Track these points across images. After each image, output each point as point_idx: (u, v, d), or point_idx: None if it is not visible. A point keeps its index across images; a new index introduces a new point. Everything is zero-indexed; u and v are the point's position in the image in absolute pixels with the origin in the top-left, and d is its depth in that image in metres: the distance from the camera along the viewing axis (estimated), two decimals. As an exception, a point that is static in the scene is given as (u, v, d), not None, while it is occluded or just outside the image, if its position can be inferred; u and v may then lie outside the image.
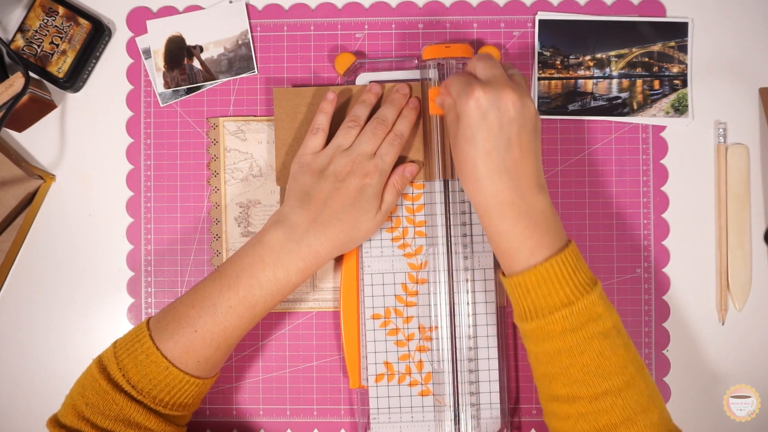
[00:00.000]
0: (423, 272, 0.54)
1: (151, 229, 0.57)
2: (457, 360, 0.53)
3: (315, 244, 0.48)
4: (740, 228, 0.56)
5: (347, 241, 0.49)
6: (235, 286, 0.46)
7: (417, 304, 0.54)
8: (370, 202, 0.49)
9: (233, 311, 0.46)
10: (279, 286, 0.47)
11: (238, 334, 0.47)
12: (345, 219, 0.48)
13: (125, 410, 0.44)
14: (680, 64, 0.57)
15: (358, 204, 0.49)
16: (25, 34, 0.56)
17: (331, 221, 0.48)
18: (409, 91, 0.54)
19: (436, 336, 0.53)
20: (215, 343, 0.46)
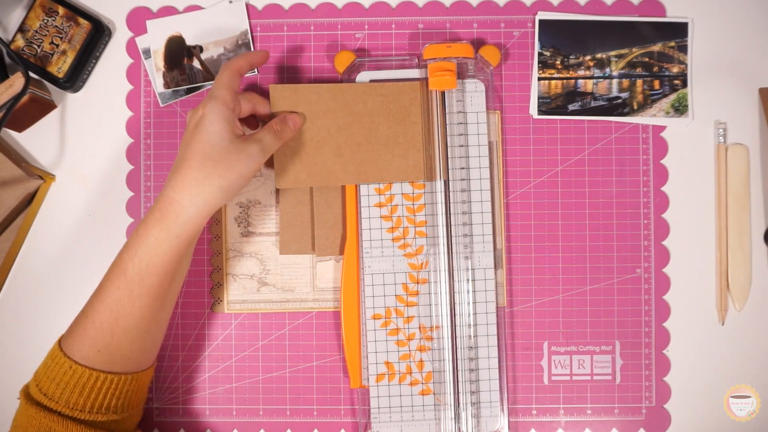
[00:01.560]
0: (424, 272, 0.54)
1: (151, 229, 0.57)
2: (457, 359, 0.53)
3: (169, 191, 0.45)
4: (740, 228, 0.56)
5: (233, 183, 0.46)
6: (117, 265, 0.46)
7: (418, 304, 0.54)
8: (208, 131, 0.46)
9: (119, 290, 0.45)
10: (153, 250, 0.45)
11: (133, 314, 0.45)
12: (189, 156, 0.45)
13: (44, 424, 0.43)
14: (680, 64, 0.57)
15: (199, 136, 0.46)
16: (25, 35, 0.56)
17: (179, 164, 0.46)
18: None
19: (437, 336, 0.54)
20: (108, 328, 0.45)
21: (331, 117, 0.53)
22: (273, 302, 0.57)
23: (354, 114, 0.53)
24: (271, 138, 0.49)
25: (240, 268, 0.57)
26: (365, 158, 0.53)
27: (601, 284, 0.57)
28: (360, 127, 0.53)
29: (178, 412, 0.57)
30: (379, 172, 0.54)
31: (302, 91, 0.53)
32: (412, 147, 0.54)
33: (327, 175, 0.53)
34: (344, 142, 0.53)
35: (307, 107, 0.53)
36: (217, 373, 0.57)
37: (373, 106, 0.53)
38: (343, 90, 0.53)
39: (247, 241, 0.57)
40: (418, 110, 0.54)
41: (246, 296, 0.57)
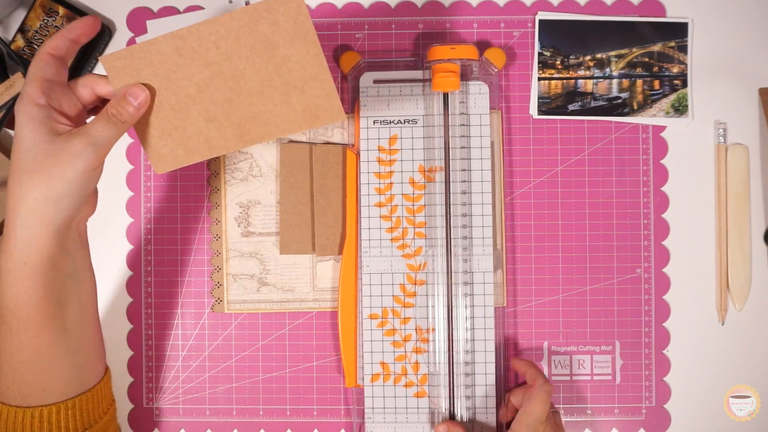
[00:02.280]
0: (422, 273, 0.54)
1: (151, 229, 0.57)
2: (453, 363, 0.53)
3: (6, 215, 0.41)
4: (740, 228, 0.56)
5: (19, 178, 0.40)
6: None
7: (415, 305, 0.54)
8: (19, 138, 0.39)
9: (1, 326, 0.41)
10: (8, 282, 0.41)
11: (24, 348, 0.42)
12: (10, 172, 0.40)
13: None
14: (680, 64, 0.57)
15: (13, 146, 0.40)
16: (26, 35, 0.56)
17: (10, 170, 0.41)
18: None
19: (433, 338, 0.53)
20: (7, 364, 0.42)
21: (184, 75, 0.43)
22: (273, 302, 0.57)
23: (210, 64, 0.43)
24: (103, 125, 0.41)
25: (240, 268, 0.57)
26: (243, 116, 0.44)
27: (601, 284, 0.57)
28: (222, 78, 0.43)
29: (178, 412, 0.57)
30: (266, 127, 0.44)
31: (139, 53, 0.43)
32: (294, 88, 0.43)
33: (207, 147, 0.45)
34: (212, 102, 0.44)
35: (152, 71, 0.43)
36: (217, 373, 0.57)
37: (228, 48, 0.42)
38: (185, 37, 0.42)
39: (247, 241, 0.57)
40: (283, 37, 0.42)
41: (246, 296, 0.57)
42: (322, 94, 0.43)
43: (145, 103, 0.43)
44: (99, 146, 0.41)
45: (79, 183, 0.40)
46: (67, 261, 0.43)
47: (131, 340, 0.57)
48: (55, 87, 0.41)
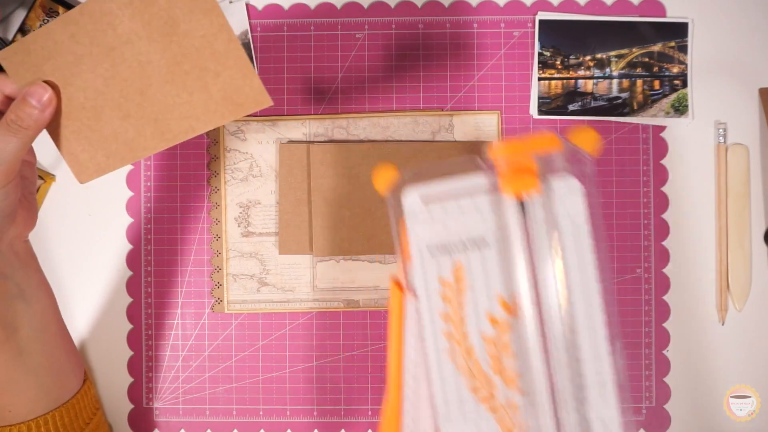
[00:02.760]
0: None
1: (151, 229, 0.57)
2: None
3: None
4: (740, 228, 0.56)
5: None
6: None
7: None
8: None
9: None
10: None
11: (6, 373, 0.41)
12: None
13: None
14: (680, 64, 0.57)
15: None
16: (26, 35, 0.56)
17: None
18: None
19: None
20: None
21: (87, 67, 0.38)
22: (273, 302, 0.57)
23: (110, 51, 0.37)
24: (2, 136, 0.36)
25: (240, 268, 0.57)
26: (159, 110, 0.39)
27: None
28: (127, 66, 0.38)
29: (178, 412, 0.57)
30: (187, 121, 0.39)
31: (33, 44, 0.37)
32: (206, 70, 0.38)
33: (127, 149, 0.39)
34: (122, 97, 0.39)
35: (53, 64, 0.38)
36: (217, 373, 0.57)
37: (125, 29, 0.37)
38: (78, 21, 0.37)
39: (247, 241, 0.57)
40: (183, 11, 0.36)
41: (246, 296, 0.57)
42: (239, 75, 0.37)
43: (49, 103, 0.37)
44: (2, 161, 0.35)
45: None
46: (7, 284, 0.40)
47: (131, 340, 0.57)
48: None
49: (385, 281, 0.57)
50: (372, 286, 0.57)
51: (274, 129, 0.57)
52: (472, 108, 0.57)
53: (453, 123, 0.57)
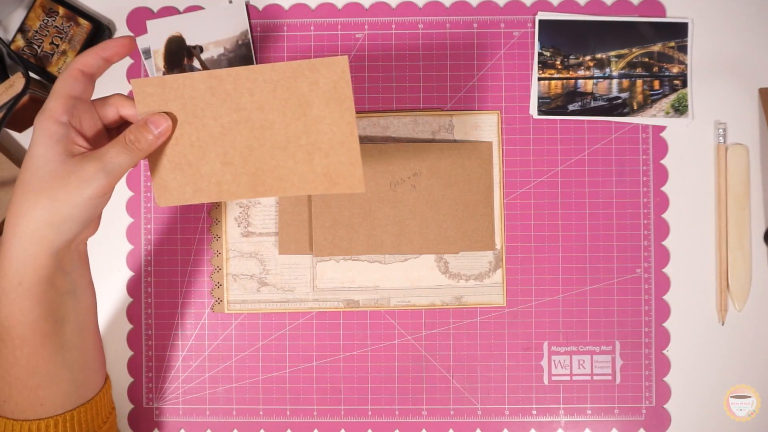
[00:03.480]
0: None
1: (151, 229, 0.57)
2: None
3: (4, 229, 0.40)
4: (740, 228, 0.56)
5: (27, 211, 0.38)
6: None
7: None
8: (31, 154, 0.38)
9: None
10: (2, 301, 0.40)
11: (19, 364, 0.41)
12: (15, 187, 0.39)
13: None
14: (680, 64, 0.57)
15: (24, 161, 0.39)
16: (26, 35, 0.56)
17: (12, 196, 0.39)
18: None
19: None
20: (2, 379, 0.42)
21: (212, 115, 0.42)
22: (273, 302, 0.57)
23: (240, 109, 0.42)
24: (118, 152, 0.39)
25: (240, 268, 0.57)
26: (260, 166, 0.42)
27: (601, 284, 0.57)
28: (249, 126, 0.42)
29: (178, 412, 0.57)
30: (281, 182, 0.42)
31: (172, 84, 0.41)
32: (319, 150, 0.42)
33: (216, 190, 0.43)
34: (232, 147, 0.42)
35: (181, 104, 0.42)
36: (217, 373, 0.57)
37: (262, 98, 0.41)
38: (222, 79, 0.41)
39: (247, 241, 0.57)
40: (320, 99, 0.41)
41: (246, 296, 0.57)
42: (346, 161, 0.41)
43: (165, 132, 0.41)
44: (111, 173, 0.39)
45: (85, 208, 0.39)
46: (65, 279, 0.42)
47: (131, 340, 0.57)
48: (78, 104, 0.40)
49: (385, 281, 0.57)
50: (372, 286, 0.57)
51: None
52: (472, 108, 0.57)
53: (453, 123, 0.57)
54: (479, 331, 0.57)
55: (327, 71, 0.40)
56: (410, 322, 0.57)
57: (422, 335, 0.57)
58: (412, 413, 0.57)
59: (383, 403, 0.57)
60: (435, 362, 0.57)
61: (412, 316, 0.57)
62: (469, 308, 0.57)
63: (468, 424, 0.56)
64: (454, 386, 0.57)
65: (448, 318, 0.57)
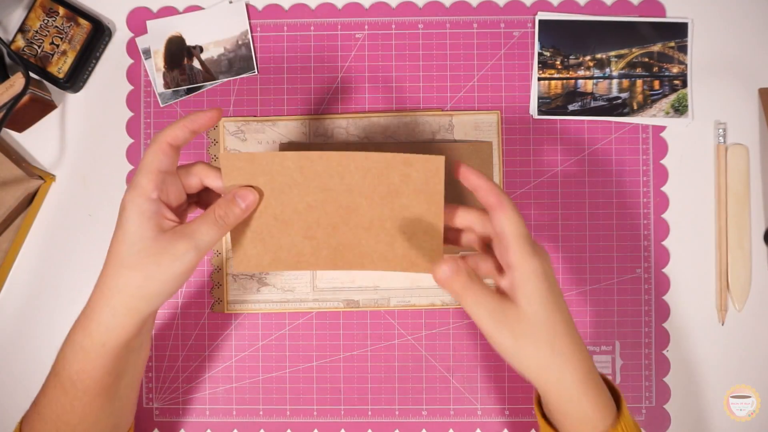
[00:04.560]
0: None
1: (151, 229, 0.57)
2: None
3: (93, 294, 0.42)
4: (740, 228, 0.56)
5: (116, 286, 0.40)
6: (54, 363, 0.43)
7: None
8: (124, 230, 0.40)
9: (55, 389, 0.43)
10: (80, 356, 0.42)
11: (74, 412, 0.43)
12: (107, 260, 0.41)
13: None
14: (680, 64, 0.57)
15: (115, 235, 0.41)
16: (26, 35, 0.56)
17: (104, 264, 0.41)
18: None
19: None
20: (52, 423, 0.43)
21: (298, 192, 0.42)
22: (273, 302, 0.57)
23: (327, 190, 0.42)
24: (208, 228, 0.41)
25: (240, 268, 0.57)
26: (342, 243, 0.44)
27: (601, 284, 0.57)
28: (336, 205, 0.43)
29: (178, 412, 0.57)
30: (360, 258, 0.44)
31: (261, 160, 0.42)
32: (402, 233, 0.43)
33: (295, 261, 0.44)
34: (316, 223, 0.43)
35: (268, 179, 0.42)
36: (217, 373, 0.57)
37: (352, 182, 0.42)
38: (313, 160, 0.41)
39: (247, 241, 0.57)
40: (410, 190, 0.42)
41: (246, 296, 0.57)
42: (428, 247, 0.43)
43: (252, 206, 0.42)
44: (201, 249, 0.41)
45: (175, 283, 0.40)
46: (138, 339, 0.43)
47: (131, 340, 0.57)
48: (167, 178, 0.41)
49: (385, 281, 0.57)
50: (372, 286, 0.57)
51: (274, 129, 0.57)
52: (472, 108, 0.57)
53: (453, 123, 0.57)
54: (479, 331, 0.57)
55: (422, 167, 0.41)
56: (410, 322, 0.57)
57: (422, 335, 0.57)
58: (412, 413, 0.57)
59: (383, 403, 0.57)
60: (435, 362, 0.57)
61: (412, 316, 0.57)
62: (469, 308, 0.57)
63: (468, 424, 0.56)
64: (454, 386, 0.57)
65: (448, 318, 0.57)
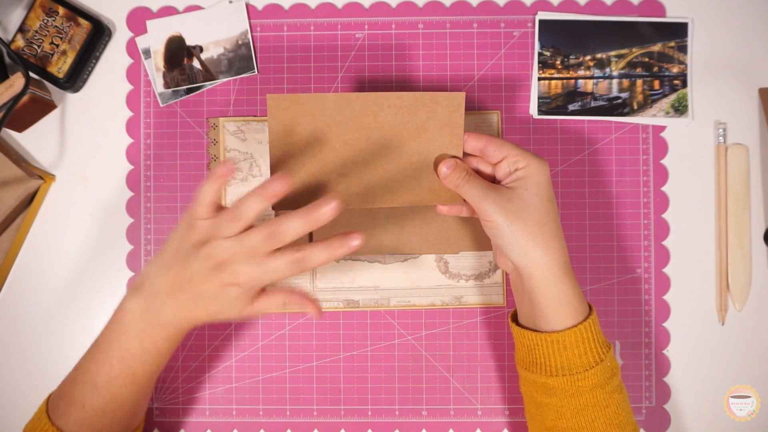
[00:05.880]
0: None
1: (151, 229, 0.57)
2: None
3: (174, 318, 0.44)
4: (740, 228, 0.56)
5: (207, 319, 0.45)
6: (108, 360, 0.45)
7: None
8: (231, 302, 0.43)
9: (114, 383, 0.45)
10: (151, 354, 0.45)
11: (131, 399, 0.46)
12: (203, 306, 0.44)
13: None
14: (680, 64, 0.57)
15: (218, 300, 0.43)
16: (26, 35, 0.56)
17: (189, 301, 0.43)
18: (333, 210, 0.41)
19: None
20: (109, 413, 0.45)
21: (337, 131, 0.47)
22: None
23: (362, 128, 0.47)
24: (272, 303, 0.45)
25: (240, 268, 0.57)
26: (373, 179, 0.48)
27: (601, 284, 0.57)
28: (369, 143, 0.47)
29: (178, 412, 0.57)
30: (389, 194, 0.48)
31: (304, 101, 0.46)
32: (427, 167, 0.48)
33: (324, 194, 0.48)
34: (351, 161, 0.47)
35: (310, 119, 0.46)
36: (217, 373, 0.57)
37: (384, 119, 0.47)
38: (351, 100, 0.46)
39: (247, 241, 0.57)
40: (436, 126, 0.47)
41: (246, 296, 0.57)
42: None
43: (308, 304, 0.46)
44: (261, 311, 0.45)
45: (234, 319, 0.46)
46: (169, 344, 0.46)
47: (131, 340, 0.57)
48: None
49: (385, 281, 0.57)
50: (372, 286, 0.57)
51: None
52: (472, 108, 0.57)
53: (453, 123, 0.57)
54: (479, 331, 0.57)
55: (446, 103, 0.46)
56: (410, 322, 0.57)
57: (422, 335, 0.57)
58: (412, 413, 0.57)
59: (383, 403, 0.57)
60: (435, 362, 0.57)
61: (412, 316, 0.57)
62: (469, 308, 0.57)
63: (468, 424, 0.56)
64: (454, 386, 0.57)
65: (448, 318, 0.57)
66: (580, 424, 0.45)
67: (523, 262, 0.45)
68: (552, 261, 0.45)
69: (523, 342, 0.48)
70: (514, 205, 0.44)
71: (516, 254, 0.45)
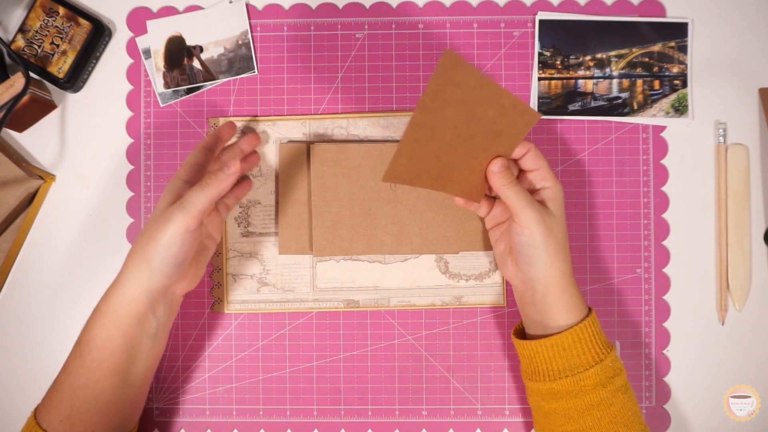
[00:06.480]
0: None
1: (151, 229, 0.57)
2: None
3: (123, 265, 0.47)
4: (740, 228, 0.56)
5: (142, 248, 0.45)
6: (80, 334, 0.47)
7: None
8: (164, 198, 0.47)
9: (74, 360, 0.46)
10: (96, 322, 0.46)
11: (88, 387, 0.46)
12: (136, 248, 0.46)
13: None
14: (680, 64, 0.57)
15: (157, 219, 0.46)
16: (26, 35, 0.56)
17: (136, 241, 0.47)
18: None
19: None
20: (68, 398, 0.46)
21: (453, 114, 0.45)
22: (273, 302, 0.57)
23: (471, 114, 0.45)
24: (194, 193, 0.45)
25: (240, 268, 0.57)
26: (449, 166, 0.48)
27: (601, 284, 0.57)
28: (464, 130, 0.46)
29: (178, 412, 0.57)
30: (456, 184, 0.49)
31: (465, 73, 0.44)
32: (481, 168, 0.48)
33: (428, 178, 0.48)
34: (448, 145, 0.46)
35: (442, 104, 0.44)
36: (217, 373, 0.57)
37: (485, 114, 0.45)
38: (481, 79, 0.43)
39: (247, 241, 0.57)
40: (507, 133, 0.46)
41: (246, 296, 0.57)
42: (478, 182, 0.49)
43: (236, 173, 0.46)
44: (188, 211, 0.45)
45: (169, 247, 0.44)
46: (152, 323, 0.47)
47: (131, 340, 0.57)
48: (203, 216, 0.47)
49: (385, 281, 0.57)
50: (372, 286, 0.57)
51: (274, 129, 0.57)
52: (472, 108, 0.57)
53: (453, 123, 0.57)
54: (479, 331, 0.57)
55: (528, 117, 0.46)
56: (410, 322, 0.57)
57: (422, 335, 0.57)
58: (412, 413, 0.57)
59: (383, 403, 0.57)
60: (435, 362, 0.57)
61: (412, 316, 0.57)
62: (469, 308, 0.57)
63: (468, 424, 0.56)
64: (454, 386, 0.57)
65: (448, 318, 0.57)
66: (587, 424, 0.46)
67: (544, 273, 0.47)
68: (567, 270, 0.48)
69: (524, 354, 0.49)
70: (550, 220, 0.47)
71: (541, 264, 0.47)
